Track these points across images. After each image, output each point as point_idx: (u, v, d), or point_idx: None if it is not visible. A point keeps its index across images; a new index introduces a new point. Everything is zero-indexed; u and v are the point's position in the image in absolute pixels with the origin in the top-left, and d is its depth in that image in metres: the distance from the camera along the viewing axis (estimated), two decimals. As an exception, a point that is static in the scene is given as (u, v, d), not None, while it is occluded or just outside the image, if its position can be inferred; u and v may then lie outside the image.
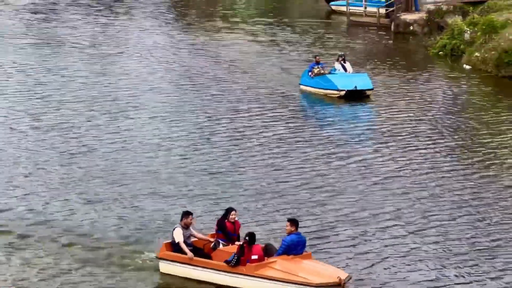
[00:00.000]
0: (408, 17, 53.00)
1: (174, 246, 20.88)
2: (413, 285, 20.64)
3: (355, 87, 37.11)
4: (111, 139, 31.88)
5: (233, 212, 21.15)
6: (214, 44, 48.88)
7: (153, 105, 37.00)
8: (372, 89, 37.75)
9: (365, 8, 56.09)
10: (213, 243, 20.89)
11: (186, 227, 20.89)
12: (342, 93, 36.99)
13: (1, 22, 53.63)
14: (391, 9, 54.25)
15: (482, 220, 25.25)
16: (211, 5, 63.60)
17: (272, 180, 27.63)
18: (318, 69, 38.08)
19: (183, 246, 20.65)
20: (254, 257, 20.16)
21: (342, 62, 38.67)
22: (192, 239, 21.14)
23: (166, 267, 20.90)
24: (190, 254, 20.55)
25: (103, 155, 30.24)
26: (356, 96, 37.00)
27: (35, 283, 20.56)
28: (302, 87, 38.54)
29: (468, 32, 46.01)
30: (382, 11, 55.08)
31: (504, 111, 36.79)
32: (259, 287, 20.06)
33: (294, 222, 20.45)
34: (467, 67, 43.94)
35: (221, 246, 20.82)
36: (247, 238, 20.19)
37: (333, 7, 59.34)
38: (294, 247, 20.22)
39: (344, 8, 56.90)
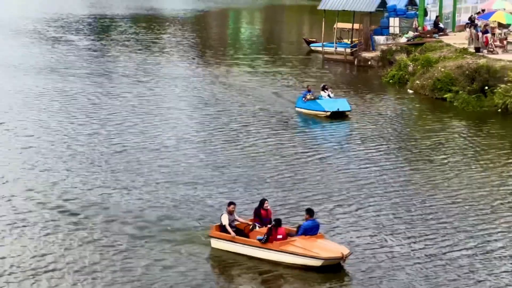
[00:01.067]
0: (367, 54, 53.48)
1: (221, 228, 20.79)
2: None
3: (338, 108, 37.06)
4: (151, 142, 31.37)
5: (265, 202, 21.20)
6: (224, 75, 48.15)
7: (180, 118, 35.99)
8: (350, 110, 37.65)
9: (336, 48, 56.45)
10: (251, 226, 20.89)
11: (230, 213, 20.85)
12: (328, 113, 36.86)
13: (64, 58, 52.56)
14: (355, 49, 55.07)
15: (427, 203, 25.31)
16: (222, 45, 63.44)
17: (287, 175, 27.29)
18: (310, 96, 37.74)
19: (228, 227, 20.61)
20: (279, 236, 20.14)
21: (325, 90, 38.61)
22: (236, 222, 20.97)
23: (215, 243, 20.81)
24: (232, 233, 20.49)
25: (153, 154, 29.67)
26: (338, 116, 36.92)
27: (97, 262, 20.05)
28: (297, 109, 38.12)
29: (411, 65, 46.52)
30: (348, 50, 55.66)
31: (436, 122, 37.18)
32: (282, 259, 19.97)
33: (309, 211, 20.58)
34: (410, 91, 44.10)
35: (257, 228, 20.80)
36: (274, 222, 20.33)
37: (312, 48, 59.65)
38: (310, 230, 20.24)
39: (320, 48, 57.39)
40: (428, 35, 53.04)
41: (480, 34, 46.94)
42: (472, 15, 55.94)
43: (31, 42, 59.35)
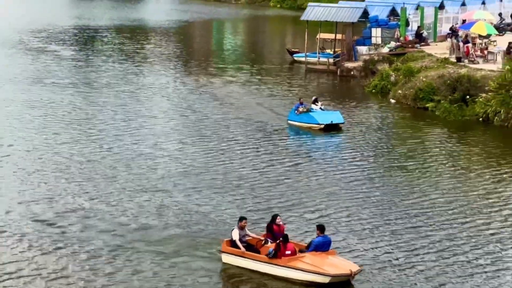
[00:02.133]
0: (350, 65, 53.47)
1: (232, 243, 20.76)
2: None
3: (331, 121, 36.79)
4: (133, 152, 31.46)
5: (278, 217, 20.99)
6: (208, 85, 48.08)
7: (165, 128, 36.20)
8: (343, 123, 37.28)
9: (319, 58, 56.63)
10: (263, 241, 20.73)
11: (241, 228, 20.77)
12: (322, 126, 36.60)
13: (48, 68, 52.36)
14: (338, 59, 55.08)
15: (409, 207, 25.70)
16: (206, 55, 63.29)
17: (280, 189, 27.20)
18: (302, 108, 37.37)
19: (238, 243, 20.54)
20: (288, 252, 20.01)
21: (316, 103, 38.32)
22: (247, 237, 20.86)
23: (226, 258, 20.76)
24: (242, 249, 20.41)
25: (135, 163, 29.77)
26: (331, 128, 36.64)
27: (110, 273, 20.14)
28: (289, 122, 37.73)
29: (393, 75, 46.76)
30: (331, 60, 55.77)
31: (418, 131, 37.46)
32: (290, 275, 19.85)
33: (320, 227, 20.38)
34: (393, 101, 44.29)
35: (269, 243, 20.60)
36: (281, 238, 20.15)
37: (295, 58, 59.64)
38: (321, 246, 20.07)
39: (303, 59, 57.45)
40: (410, 45, 53.31)
41: (461, 44, 47.25)
42: (453, 25, 56.35)
43: (15, 53, 59.27)
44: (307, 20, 57.25)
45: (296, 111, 37.69)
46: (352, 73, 53.04)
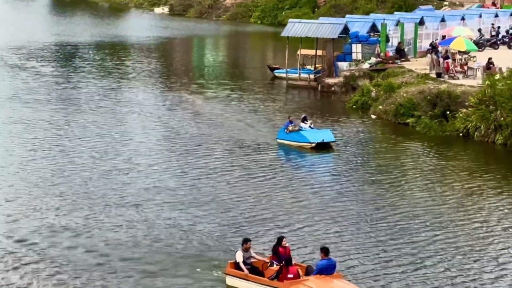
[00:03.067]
0: (330, 80, 53.62)
1: (236, 265, 20.56)
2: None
3: (323, 140, 36.44)
4: (111, 171, 31.45)
5: (284, 239, 20.75)
6: (189, 102, 48.19)
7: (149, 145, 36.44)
8: (335, 141, 36.96)
9: (299, 74, 56.71)
10: (268, 263, 20.57)
11: (246, 250, 20.55)
12: (313, 145, 36.25)
13: (27, 85, 52.25)
14: (318, 75, 55.26)
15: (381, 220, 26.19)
16: (186, 72, 63.23)
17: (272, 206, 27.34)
18: (292, 127, 37.02)
19: (242, 265, 20.36)
20: (290, 275, 19.69)
21: (306, 121, 37.86)
22: (252, 260, 20.65)
23: (230, 281, 20.58)
24: (246, 271, 20.20)
25: (114, 182, 30.05)
26: (322, 147, 36.35)
27: None
28: (279, 140, 37.36)
29: (374, 91, 46.96)
30: (312, 76, 55.85)
31: (399, 147, 37.87)
32: None
33: (324, 250, 20.01)
34: (373, 116, 44.51)
35: (274, 266, 20.42)
36: (284, 261, 19.95)
37: (276, 74, 59.52)
38: (326, 269, 19.71)
39: (284, 75, 57.52)
40: (390, 61, 53.61)
41: (441, 59, 47.55)
42: (433, 41, 56.70)
43: (-6, 70, 59.14)
44: (288, 36, 57.54)
45: (285, 130, 37.30)
46: (333, 89, 53.19)
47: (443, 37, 55.94)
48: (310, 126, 37.87)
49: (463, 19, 64.75)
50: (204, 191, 29.16)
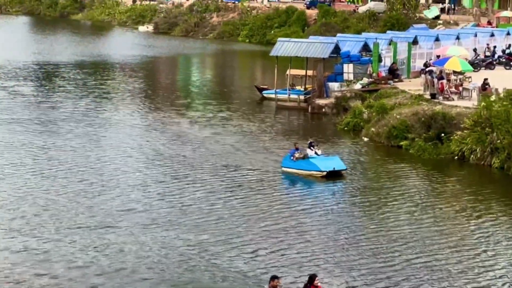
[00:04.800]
0: (321, 101, 53.77)
1: None
2: None
3: (334, 168, 35.80)
4: (92, 198, 31.82)
5: (316, 278, 20.46)
6: (175, 123, 48.14)
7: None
8: (346, 169, 36.37)
9: (289, 95, 56.64)
10: None
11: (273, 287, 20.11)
12: (324, 173, 35.52)
13: (6, 105, 52.18)
14: (308, 96, 55.46)
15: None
16: (172, 92, 63.35)
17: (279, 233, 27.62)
18: (298, 154, 36.25)
19: None
20: None
21: (312, 147, 37.08)
22: None
23: None
24: None
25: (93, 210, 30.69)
26: (333, 175, 35.64)
27: None
28: (284, 169, 36.44)
29: (366, 112, 47.12)
30: (302, 97, 56.00)
31: (392, 170, 37.84)
32: None
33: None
34: (366, 139, 44.57)
35: None
36: None
37: (264, 95, 59.41)
38: None
39: (273, 95, 57.33)
40: (383, 81, 53.83)
41: (435, 80, 47.67)
42: (427, 61, 56.86)
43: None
44: (277, 56, 57.66)
45: (292, 157, 36.54)
46: (323, 110, 53.34)
47: (438, 56, 56.16)
48: (316, 153, 36.97)
49: (458, 38, 65.11)
50: (202, 222, 28.99)
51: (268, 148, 41.93)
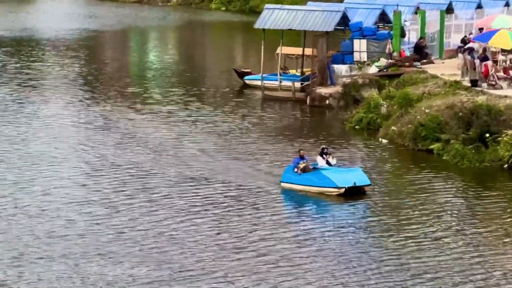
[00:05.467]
0: (324, 90, 53.60)
1: None
2: None
3: (354, 183, 35.46)
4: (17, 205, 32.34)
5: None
6: (127, 120, 48.50)
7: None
8: (370, 185, 36.15)
9: (280, 82, 56.70)
10: None
11: None
12: (342, 190, 35.19)
13: None
14: (307, 83, 55.49)
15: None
16: (121, 78, 63.65)
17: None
18: (304, 164, 36.07)
19: None
20: None
21: (324, 155, 36.58)
22: None
23: None
24: None
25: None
26: (353, 193, 35.31)
27: None
28: (284, 184, 36.27)
29: (385, 105, 47.09)
30: (298, 85, 56.04)
31: (420, 183, 37.71)
32: None
33: None
34: (384, 141, 44.55)
35: None
36: None
37: (247, 81, 59.74)
38: None
39: (258, 82, 57.42)
40: (406, 64, 53.90)
41: (477, 61, 47.64)
42: (466, 36, 56.94)
43: None
44: (264, 29, 57.59)
45: (295, 169, 36.36)
46: (327, 102, 53.43)
47: (480, 30, 56.24)
48: (328, 162, 36.71)
49: (507, 5, 65.37)
50: (158, 254, 29.11)
51: (255, 154, 41.97)
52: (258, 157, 41.58)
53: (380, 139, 45.31)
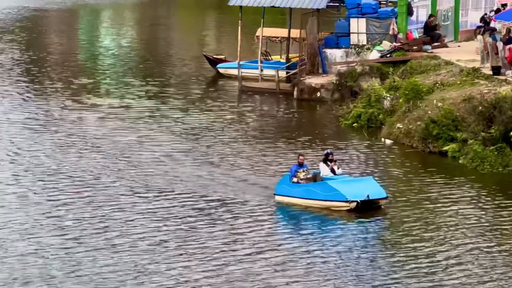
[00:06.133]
0: (315, 80, 53.97)
1: None
2: None
3: (368, 196, 35.79)
4: None
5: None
6: (74, 117, 48.67)
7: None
8: (386, 198, 36.33)
9: (261, 70, 57.09)
10: None
11: None
12: (353, 204, 35.46)
13: None
14: (294, 71, 55.71)
15: None
16: (69, 65, 64.08)
17: None
18: (304, 173, 36.28)
19: None
20: None
21: (329, 162, 36.55)
22: None
23: None
24: None
25: None
26: (366, 207, 35.48)
27: None
28: (280, 198, 36.46)
29: (388, 98, 47.45)
30: (283, 74, 56.50)
31: (429, 188, 38.10)
32: None
33: None
34: (388, 141, 45.04)
35: None
36: None
37: (220, 70, 60.25)
38: None
39: (234, 71, 57.88)
40: (414, 47, 53.95)
41: (499, 44, 47.78)
42: (486, 14, 57.05)
43: None
44: (241, 6, 57.71)
45: (293, 178, 36.56)
46: (318, 94, 53.75)
47: (503, 5, 56.36)
48: (333, 171, 36.83)
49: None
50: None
51: (231, 159, 42.09)
52: (235, 162, 41.76)
53: (382, 139, 45.71)
